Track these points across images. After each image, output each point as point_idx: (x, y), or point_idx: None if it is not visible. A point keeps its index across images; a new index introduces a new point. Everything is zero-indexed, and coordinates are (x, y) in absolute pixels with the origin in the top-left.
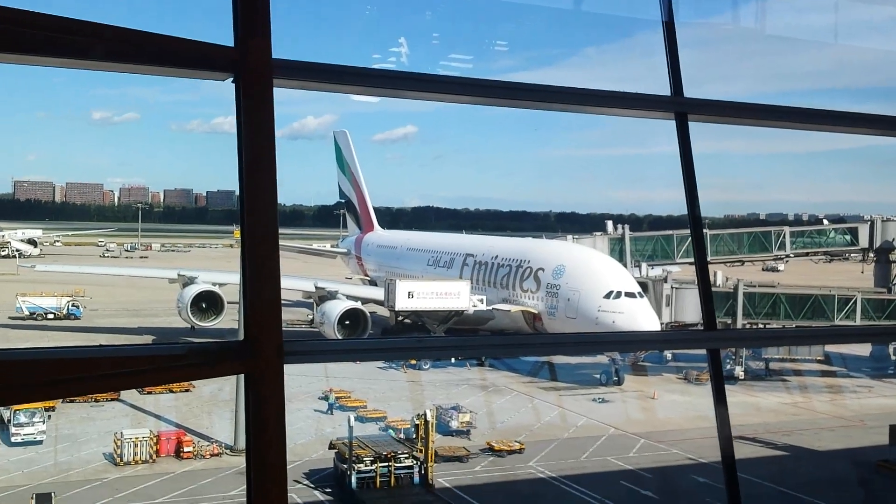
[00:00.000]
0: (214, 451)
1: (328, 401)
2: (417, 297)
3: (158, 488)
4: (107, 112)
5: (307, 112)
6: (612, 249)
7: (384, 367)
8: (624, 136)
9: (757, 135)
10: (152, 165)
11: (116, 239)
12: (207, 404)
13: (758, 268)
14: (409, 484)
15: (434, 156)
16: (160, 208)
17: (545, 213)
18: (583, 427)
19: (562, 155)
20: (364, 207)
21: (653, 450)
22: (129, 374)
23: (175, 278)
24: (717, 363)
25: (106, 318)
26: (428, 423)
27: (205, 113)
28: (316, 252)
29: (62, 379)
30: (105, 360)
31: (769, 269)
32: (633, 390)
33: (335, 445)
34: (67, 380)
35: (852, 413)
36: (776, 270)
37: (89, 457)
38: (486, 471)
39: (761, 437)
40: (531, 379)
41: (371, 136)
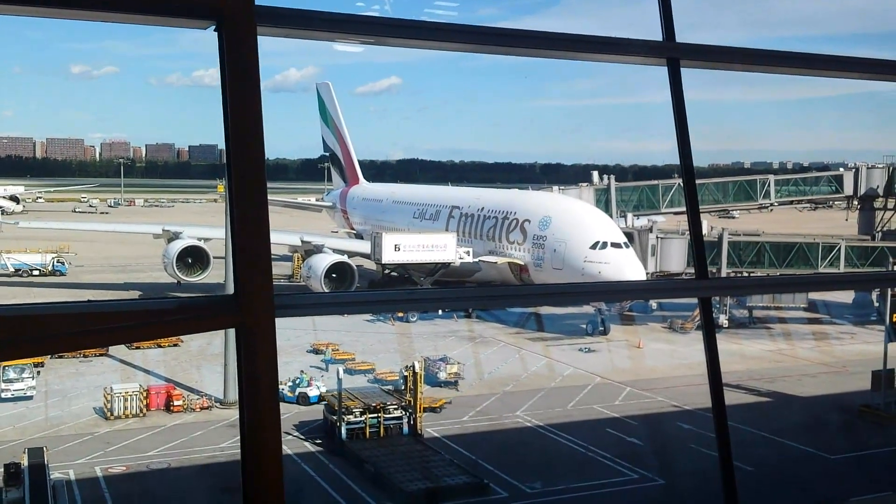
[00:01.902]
0: (204, 405)
1: (325, 358)
2: (404, 249)
3: (149, 441)
4: (86, 66)
5: (289, 64)
6: (598, 200)
7: (372, 320)
8: (616, 86)
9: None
10: (133, 120)
11: (99, 195)
12: (196, 358)
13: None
14: (398, 434)
15: (419, 107)
16: (142, 163)
17: (531, 164)
18: (569, 376)
19: (551, 105)
20: (349, 160)
21: (638, 398)
22: (119, 330)
23: (160, 233)
24: (708, 311)
25: (92, 274)
26: (416, 374)
27: (184, 66)
28: (301, 206)
29: (50, 335)
30: (94, 316)
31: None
32: (618, 339)
33: (324, 398)
34: (56, 335)
35: (835, 359)
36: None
37: (80, 411)
38: (475, 420)
39: (745, 384)
40: (518, 330)
41: (355, 89)
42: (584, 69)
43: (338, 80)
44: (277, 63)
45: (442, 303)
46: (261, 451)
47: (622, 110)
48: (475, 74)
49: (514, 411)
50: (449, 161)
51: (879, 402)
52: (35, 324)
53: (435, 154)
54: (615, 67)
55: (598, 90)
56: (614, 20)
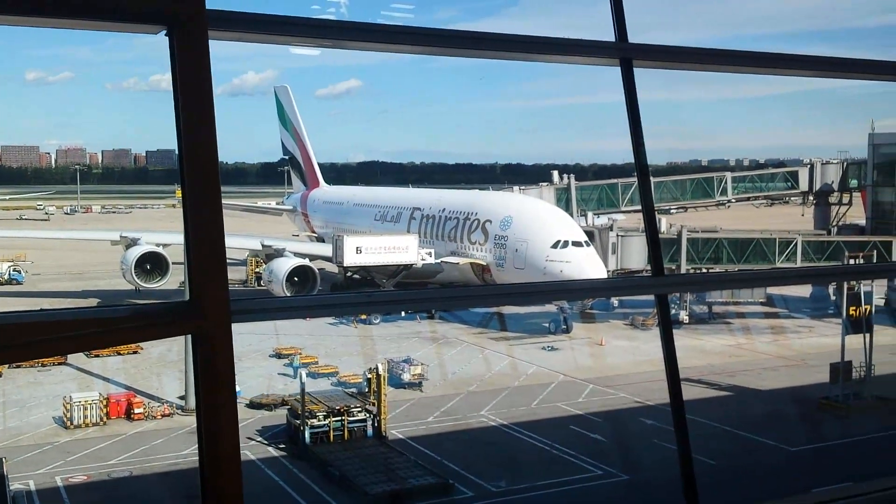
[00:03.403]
0: (165, 412)
1: (293, 365)
2: (365, 252)
3: (110, 450)
4: (41, 72)
5: (248, 68)
6: (559, 199)
7: (334, 323)
8: (572, 86)
9: (701, 81)
10: (90, 126)
11: (55, 202)
12: (156, 365)
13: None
14: (362, 436)
15: (379, 110)
16: (99, 170)
17: (492, 164)
18: (533, 375)
19: (508, 106)
20: (308, 164)
21: (601, 394)
22: (75, 338)
23: (118, 240)
24: (665, 308)
25: (49, 283)
26: (380, 376)
27: (141, 71)
28: (261, 210)
29: (7, 345)
30: (50, 325)
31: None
32: (581, 337)
33: (287, 402)
34: (12, 345)
35: (794, 353)
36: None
37: (39, 421)
38: (439, 421)
39: (706, 379)
40: (481, 330)
41: (314, 92)
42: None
43: (297, 84)
44: (236, 67)
45: (404, 304)
46: (219, 457)
47: (581, 110)
48: (435, 76)
49: (479, 411)
50: (410, 163)
51: (838, 394)
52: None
53: (396, 156)
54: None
55: (557, 90)
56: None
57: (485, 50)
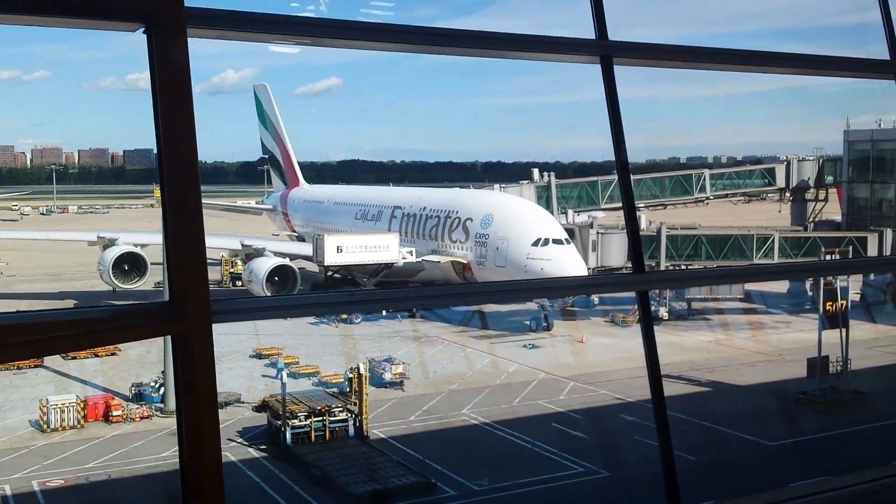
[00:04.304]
0: (144, 414)
1: (277, 366)
2: (346, 251)
3: (88, 453)
4: (15, 71)
5: (226, 66)
6: (539, 197)
7: (315, 323)
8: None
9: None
10: (66, 125)
11: (31, 202)
12: (135, 367)
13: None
14: (344, 436)
15: (359, 108)
16: (75, 169)
17: (472, 163)
18: (514, 373)
19: (489, 104)
20: (288, 163)
21: (582, 392)
22: (52, 340)
23: (95, 241)
24: (646, 304)
25: (25, 284)
26: (361, 376)
27: (118, 69)
28: (241, 209)
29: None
30: (26, 327)
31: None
32: (562, 335)
33: (268, 403)
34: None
35: (772, 348)
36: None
37: (15, 425)
38: (421, 420)
39: (686, 375)
40: (462, 328)
41: (294, 90)
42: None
43: (276, 82)
44: (215, 65)
45: (386, 303)
46: (200, 459)
47: (561, 108)
48: (415, 74)
49: (461, 409)
50: (390, 161)
51: (815, 389)
52: None
53: (376, 154)
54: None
55: (536, 88)
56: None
57: (465, 47)
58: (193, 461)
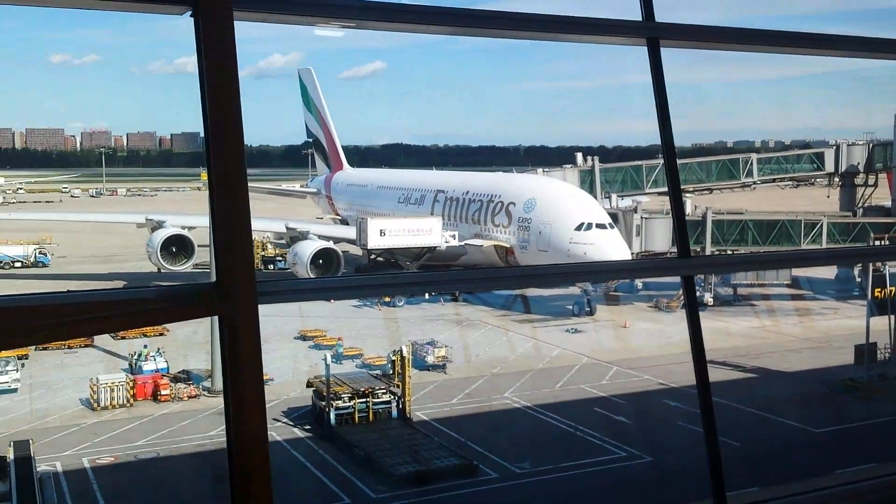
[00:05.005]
0: (192, 393)
1: (338, 350)
2: (389, 234)
3: (137, 431)
4: (66, 55)
5: (273, 50)
6: (583, 182)
7: (358, 306)
8: (597, 67)
9: (727, 61)
10: (114, 109)
11: (81, 185)
12: (183, 347)
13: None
14: (387, 418)
15: (403, 92)
16: (124, 152)
17: (515, 147)
18: (556, 357)
19: (533, 88)
20: (332, 146)
21: (625, 377)
22: (102, 319)
23: (143, 223)
24: (691, 290)
25: (75, 265)
26: (404, 358)
27: (167, 53)
28: (285, 192)
29: (33, 326)
30: (77, 306)
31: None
32: (605, 320)
33: (312, 384)
34: (39, 327)
35: (819, 335)
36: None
37: (66, 403)
38: (463, 403)
39: (731, 361)
40: (505, 312)
41: (339, 74)
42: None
43: (322, 66)
44: (261, 49)
45: (428, 286)
46: (246, 438)
47: (605, 91)
48: (459, 57)
49: (503, 393)
50: (433, 145)
51: (863, 376)
52: (18, 316)
53: (419, 139)
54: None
55: (581, 72)
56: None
57: (510, 30)
58: (240, 440)
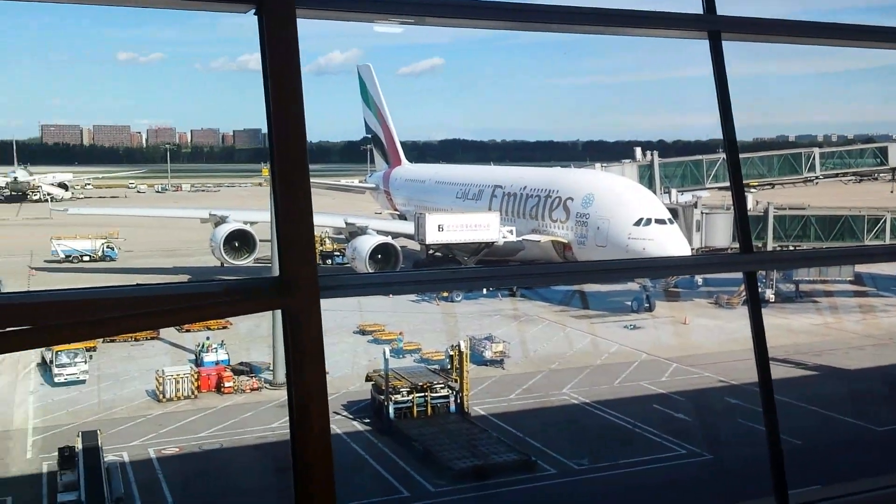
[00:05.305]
0: (254, 386)
1: (399, 344)
2: (447, 229)
3: (202, 422)
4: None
5: (333, 47)
6: (641, 176)
7: (416, 301)
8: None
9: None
10: (179, 105)
11: (146, 180)
12: (245, 340)
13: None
14: (445, 412)
15: (460, 87)
16: (188, 148)
17: (573, 142)
18: (615, 353)
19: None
20: (391, 142)
21: (685, 374)
22: (169, 312)
23: (207, 218)
24: (753, 286)
25: (141, 259)
26: (462, 353)
27: (230, 51)
28: (344, 188)
29: (102, 319)
30: (144, 299)
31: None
32: (664, 316)
33: (371, 378)
34: (107, 319)
35: (882, 332)
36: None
37: (132, 394)
38: (521, 398)
39: (792, 358)
40: (563, 308)
41: (397, 70)
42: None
43: (381, 62)
44: (321, 46)
45: (486, 281)
46: (310, 430)
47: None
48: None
49: (561, 389)
50: (491, 140)
51: None
52: (86, 308)
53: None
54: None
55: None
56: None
57: (569, 24)
58: (303, 432)
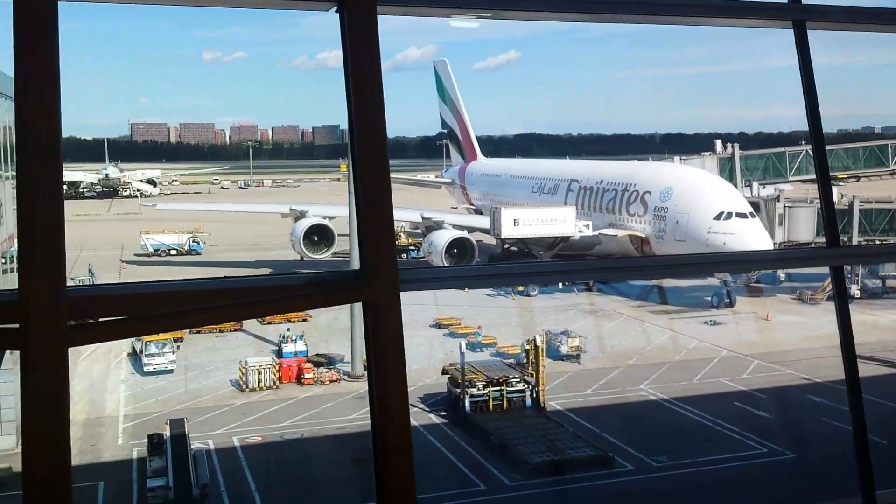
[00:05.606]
0: (333, 378)
1: (478, 338)
2: (523, 224)
3: (283, 412)
4: (216, 53)
5: (410, 43)
6: (722, 169)
7: (492, 295)
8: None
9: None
10: (260, 103)
11: (230, 176)
12: (324, 333)
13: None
14: (521, 407)
15: (536, 81)
16: (269, 145)
17: (650, 134)
18: (694, 349)
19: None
20: (466, 137)
21: (767, 371)
22: (253, 304)
23: (287, 213)
24: (840, 281)
25: (225, 253)
26: (538, 348)
27: (309, 49)
28: (420, 183)
29: (189, 310)
30: (230, 292)
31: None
32: (745, 312)
33: (448, 371)
34: (194, 311)
35: None
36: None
37: (217, 384)
38: (598, 393)
39: (879, 356)
40: (640, 303)
41: (472, 65)
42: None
43: (456, 57)
44: (397, 42)
45: (562, 275)
46: (390, 422)
47: (745, 76)
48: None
49: (638, 384)
50: (566, 134)
51: None
52: (174, 300)
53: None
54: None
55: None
56: None
57: (648, 15)
58: (384, 423)
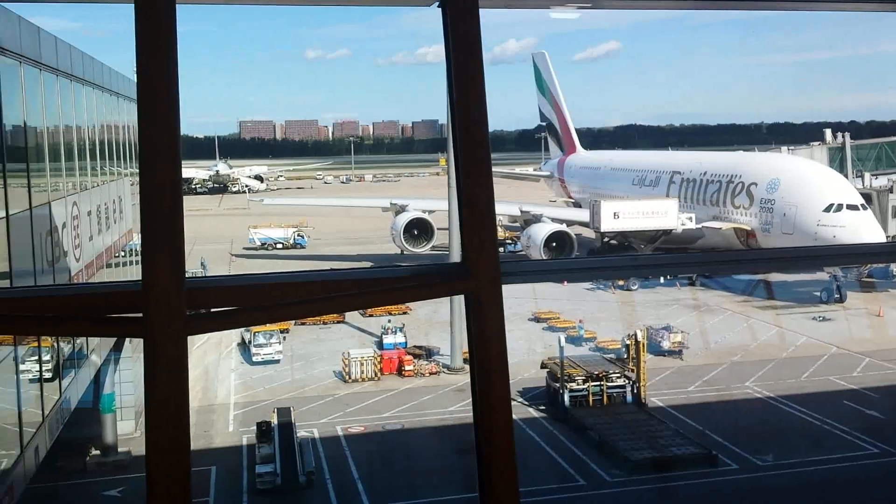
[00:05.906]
0: (433, 370)
1: (580, 332)
2: (623, 217)
3: (384, 403)
4: (320, 51)
5: (508, 35)
6: (832, 160)
7: (591, 289)
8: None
9: None
10: (361, 99)
11: (333, 172)
12: (424, 326)
13: None
14: (621, 402)
15: (637, 71)
16: (370, 140)
17: (756, 124)
18: (802, 346)
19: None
20: (565, 129)
21: (879, 369)
22: (358, 296)
23: (388, 207)
24: None
25: (328, 247)
26: (639, 343)
27: (409, 45)
28: (519, 176)
29: (295, 302)
30: (334, 284)
31: None
32: (856, 307)
33: (546, 365)
34: (300, 303)
35: None
36: None
37: (321, 374)
38: (701, 390)
39: None
40: (745, 298)
41: (573, 56)
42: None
43: (556, 49)
44: (497, 35)
45: (664, 269)
46: (492, 415)
47: (857, 62)
48: (696, 33)
49: (743, 382)
50: (668, 125)
51: None
52: (283, 292)
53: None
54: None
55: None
56: None
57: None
58: (486, 416)
